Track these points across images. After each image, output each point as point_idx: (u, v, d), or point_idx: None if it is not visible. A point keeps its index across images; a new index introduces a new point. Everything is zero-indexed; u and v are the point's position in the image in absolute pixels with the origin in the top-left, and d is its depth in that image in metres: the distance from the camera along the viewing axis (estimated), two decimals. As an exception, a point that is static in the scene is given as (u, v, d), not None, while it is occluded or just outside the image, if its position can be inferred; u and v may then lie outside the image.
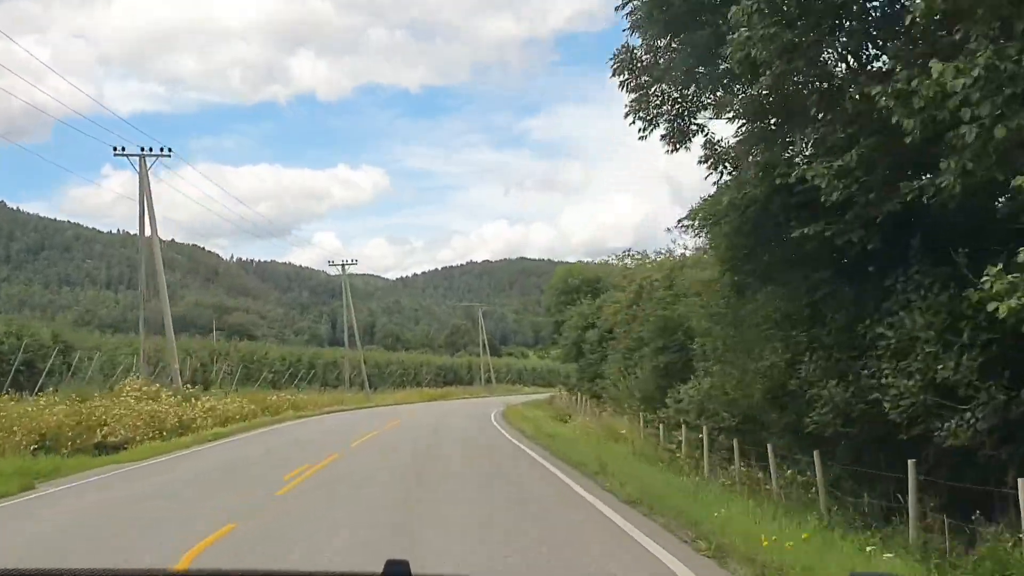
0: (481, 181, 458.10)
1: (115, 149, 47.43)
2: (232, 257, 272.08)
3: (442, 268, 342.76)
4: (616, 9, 21.90)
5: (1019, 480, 10.99)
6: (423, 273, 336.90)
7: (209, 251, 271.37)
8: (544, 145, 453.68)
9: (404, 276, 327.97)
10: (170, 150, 48.19)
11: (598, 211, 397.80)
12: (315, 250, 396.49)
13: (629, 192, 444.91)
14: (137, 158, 47.07)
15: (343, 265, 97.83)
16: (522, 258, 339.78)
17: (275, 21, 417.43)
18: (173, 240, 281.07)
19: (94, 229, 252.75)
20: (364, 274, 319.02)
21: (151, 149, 47.74)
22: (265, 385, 63.73)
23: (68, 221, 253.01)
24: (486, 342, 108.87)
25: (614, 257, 52.67)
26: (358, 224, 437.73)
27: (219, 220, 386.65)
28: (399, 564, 2.23)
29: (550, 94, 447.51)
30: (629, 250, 48.97)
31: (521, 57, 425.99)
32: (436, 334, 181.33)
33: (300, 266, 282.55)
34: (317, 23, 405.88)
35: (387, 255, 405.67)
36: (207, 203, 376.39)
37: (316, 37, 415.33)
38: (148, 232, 48.02)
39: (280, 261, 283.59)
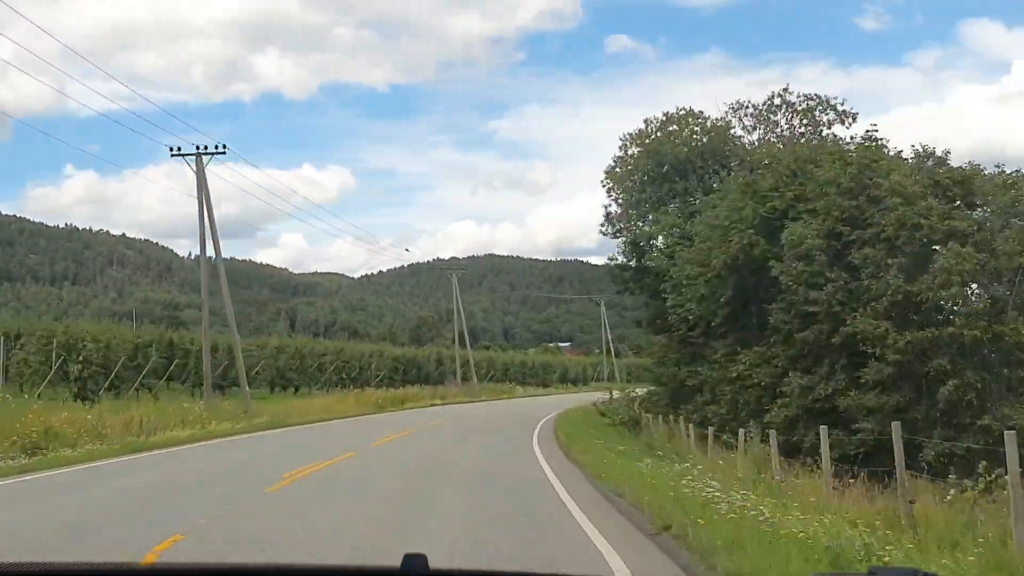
0: (448, 181, 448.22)
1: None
2: (190, 255, 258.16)
3: (408, 266, 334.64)
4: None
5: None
6: (389, 271, 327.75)
7: (163, 246, 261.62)
8: (510, 145, 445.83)
9: (370, 274, 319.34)
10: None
11: (565, 211, 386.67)
12: (285, 250, 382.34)
13: (596, 192, 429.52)
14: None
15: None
16: (491, 255, 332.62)
17: (240, 18, 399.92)
18: (124, 235, 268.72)
19: (40, 223, 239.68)
20: (329, 272, 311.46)
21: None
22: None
23: (15, 216, 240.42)
24: (462, 317, 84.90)
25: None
26: (324, 224, 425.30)
27: (183, 219, 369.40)
28: (417, 557, 2.18)
29: (517, 94, 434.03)
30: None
31: (488, 56, 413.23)
32: (400, 330, 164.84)
33: (261, 263, 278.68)
34: (282, 20, 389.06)
35: (353, 254, 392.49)
36: (171, 202, 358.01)
37: (281, 35, 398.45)
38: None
39: (240, 258, 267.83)
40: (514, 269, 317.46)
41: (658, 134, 46.22)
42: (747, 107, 44.32)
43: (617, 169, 47.88)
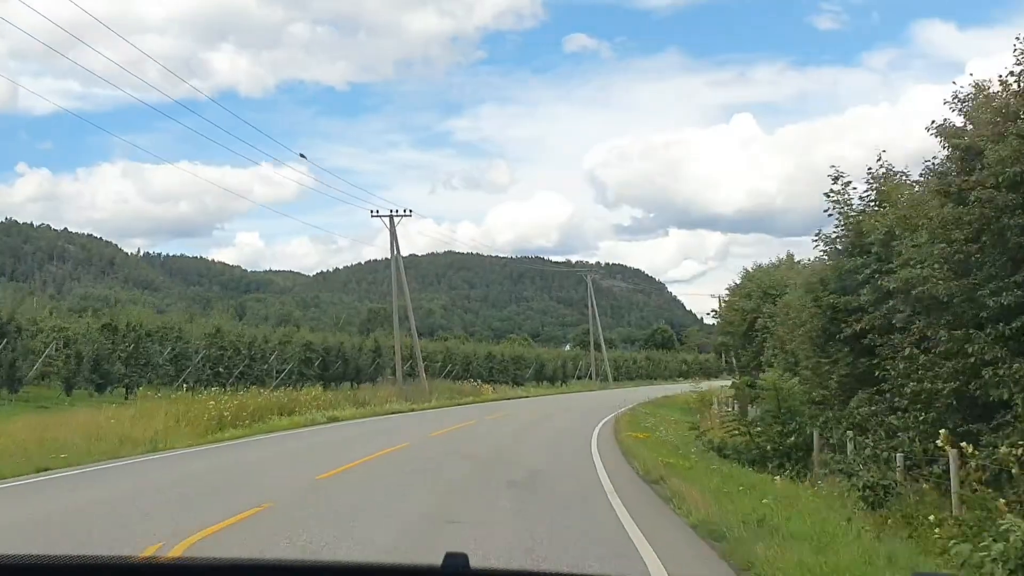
0: (406, 180, 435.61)
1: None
2: (139, 252, 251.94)
3: (366, 263, 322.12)
4: None
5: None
6: (345, 268, 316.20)
7: (107, 241, 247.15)
8: (469, 144, 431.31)
9: (325, 271, 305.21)
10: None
11: (524, 210, 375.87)
12: (241, 249, 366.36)
13: (554, 192, 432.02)
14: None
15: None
16: (449, 252, 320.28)
17: (195, 14, 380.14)
18: (66, 229, 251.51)
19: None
20: (283, 270, 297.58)
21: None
22: None
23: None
24: (405, 288, 62.27)
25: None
26: (281, 222, 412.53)
27: (136, 218, 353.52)
28: (458, 557, 2.13)
29: (475, 92, 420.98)
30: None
31: (446, 54, 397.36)
32: (350, 323, 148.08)
33: (213, 261, 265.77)
34: (238, 17, 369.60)
35: (310, 253, 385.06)
36: (123, 202, 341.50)
37: (237, 31, 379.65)
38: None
39: (190, 256, 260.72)
40: (474, 266, 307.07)
41: None
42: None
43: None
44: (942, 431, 13.31)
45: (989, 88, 17.92)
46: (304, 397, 36.84)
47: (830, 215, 24.99)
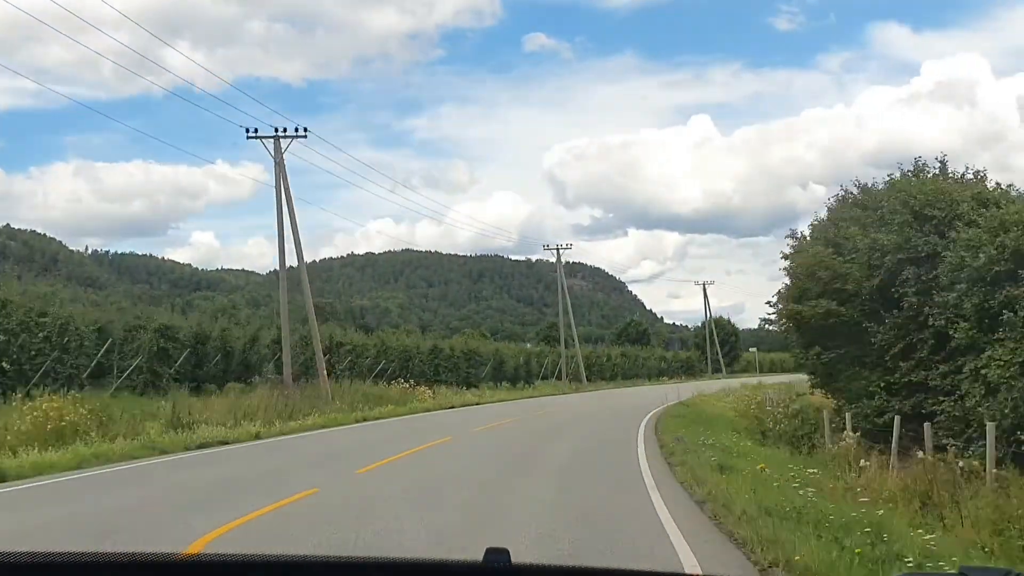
0: (365, 179, 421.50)
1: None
2: (87, 249, 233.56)
3: (320, 260, 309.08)
4: None
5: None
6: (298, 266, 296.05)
7: (51, 237, 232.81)
8: (428, 143, 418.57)
9: (278, 270, 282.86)
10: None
11: (483, 209, 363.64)
12: (197, 248, 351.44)
13: (513, 191, 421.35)
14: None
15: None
16: (408, 250, 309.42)
17: (150, 10, 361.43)
18: (8, 225, 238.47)
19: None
20: (235, 269, 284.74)
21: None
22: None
23: None
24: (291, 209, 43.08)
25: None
26: (238, 222, 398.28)
27: (89, 217, 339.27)
28: (500, 552, 2.09)
29: (434, 91, 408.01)
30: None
31: (405, 52, 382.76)
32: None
33: (163, 259, 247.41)
34: (193, 13, 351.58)
35: (267, 253, 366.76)
36: (77, 201, 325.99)
37: (193, 27, 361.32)
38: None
39: (140, 253, 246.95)
40: (432, 264, 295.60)
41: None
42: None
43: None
44: None
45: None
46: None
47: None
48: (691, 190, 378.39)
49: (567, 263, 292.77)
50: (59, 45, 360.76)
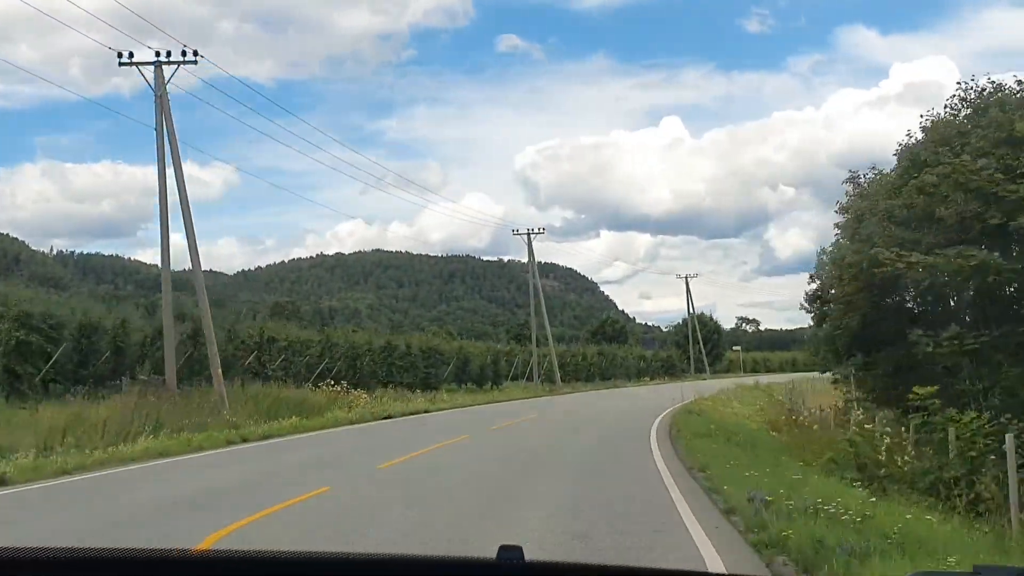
0: (336, 180, 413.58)
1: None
2: (52, 250, 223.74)
3: (289, 261, 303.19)
4: None
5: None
6: (268, 266, 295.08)
7: (13, 237, 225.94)
8: (400, 144, 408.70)
9: (246, 270, 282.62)
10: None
11: (455, 211, 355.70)
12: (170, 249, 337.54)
13: (485, 193, 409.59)
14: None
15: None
16: (378, 250, 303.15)
17: (120, 9, 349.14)
18: None
19: None
20: (205, 270, 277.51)
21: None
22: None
23: None
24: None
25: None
26: (207, 223, 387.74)
27: (58, 218, 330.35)
28: (513, 550, 2.02)
29: (406, 92, 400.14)
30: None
31: (377, 53, 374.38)
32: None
33: (128, 259, 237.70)
34: (164, 12, 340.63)
35: (237, 254, 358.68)
36: (45, 202, 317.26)
37: (163, 27, 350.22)
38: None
39: (106, 254, 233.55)
40: (403, 265, 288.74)
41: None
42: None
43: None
44: None
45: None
46: None
47: None
48: (662, 191, 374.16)
49: (539, 263, 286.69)
50: (27, 44, 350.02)
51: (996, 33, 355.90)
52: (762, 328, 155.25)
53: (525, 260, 69.15)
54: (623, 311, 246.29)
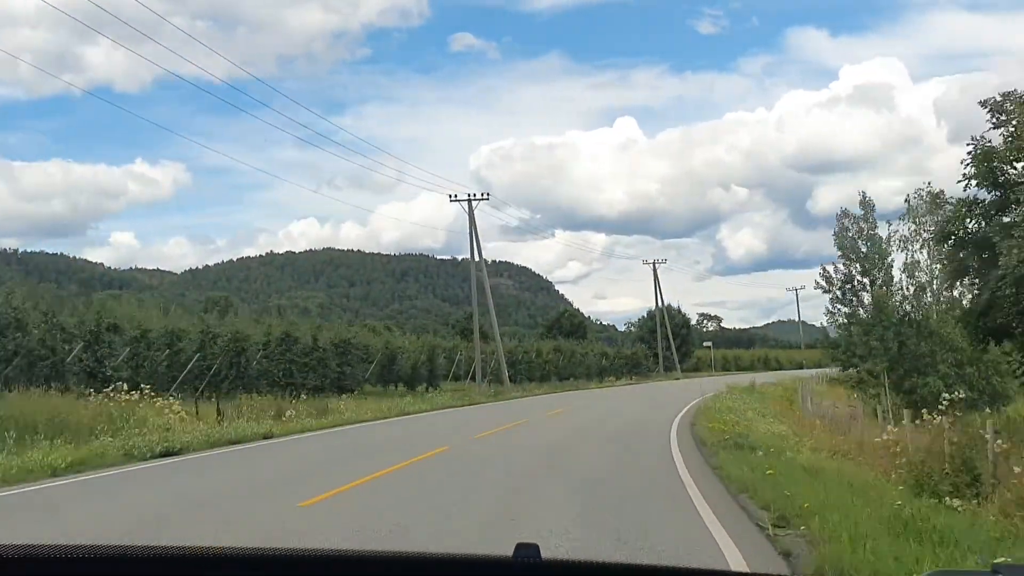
0: (288, 179, 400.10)
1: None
2: None
3: (238, 259, 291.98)
4: None
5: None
6: (215, 265, 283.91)
7: None
8: (353, 143, 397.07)
9: (194, 269, 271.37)
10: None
11: (409, 210, 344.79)
12: (117, 248, 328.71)
13: (440, 192, 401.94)
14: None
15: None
16: (329, 248, 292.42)
17: (69, 6, 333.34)
18: None
19: None
20: (150, 269, 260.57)
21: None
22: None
23: None
24: None
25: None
26: (158, 222, 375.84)
27: (7, 217, 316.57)
28: (529, 548, 1.95)
29: (359, 90, 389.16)
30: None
31: (330, 51, 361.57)
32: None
33: (73, 258, 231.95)
34: (114, 9, 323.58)
35: (188, 254, 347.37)
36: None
37: (113, 24, 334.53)
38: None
39: (51, 252, 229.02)
40: (355, 263, 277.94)
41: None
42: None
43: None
44: None
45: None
46: None
47: None
48: (617, 192, 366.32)
49: (492, 262, 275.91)
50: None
51: (943, 36, 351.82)
52: (723, 326, 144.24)
53: (478, 259, 56.40)
54: (579, 310, 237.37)
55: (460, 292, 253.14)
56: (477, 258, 50.74)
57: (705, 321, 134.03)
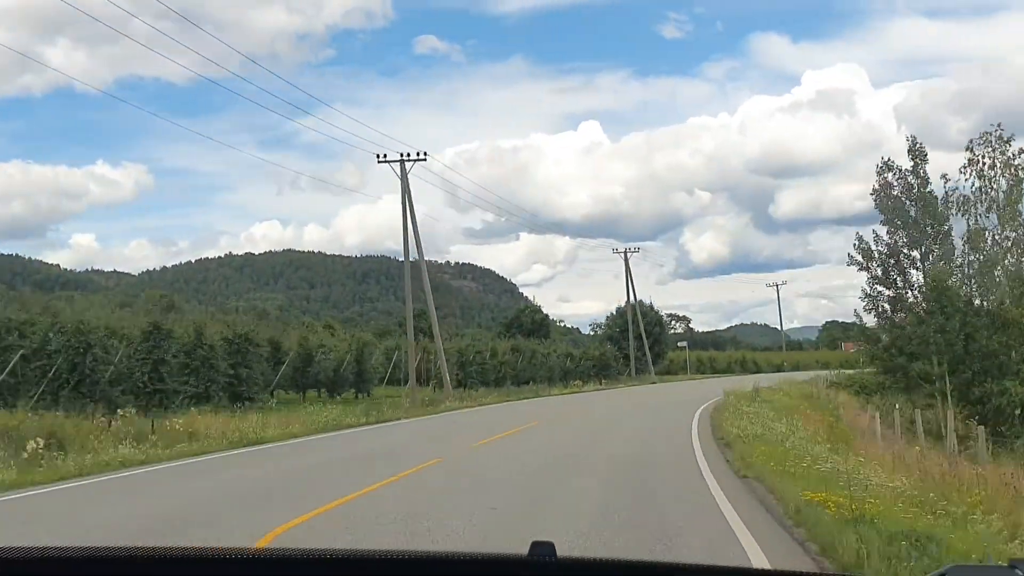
0: (251, 181, 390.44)
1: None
2: None
3: (196, 261, 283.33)
4: None
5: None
6: (173, 267, 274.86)
7: None
8: (316, 145, 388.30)
9: (150, 270, 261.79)
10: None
11: (372, 212, 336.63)
12: (77, 250, 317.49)
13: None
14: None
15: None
16: (289, 250, 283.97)
17: (29, 5, 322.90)
18: None
19: None
20: (106, 270, 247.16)
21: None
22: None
23: None
24: None
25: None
26: (120, 224, 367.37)
27: None
28: (545, 546, 1.88)
29: (323, 92, 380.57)
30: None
31: (293, 52, 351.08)
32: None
33: (28, 259, 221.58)
34: (75, 9, 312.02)
35: (150, 256, 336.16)
36: None
37: (74, 25, 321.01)
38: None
39: (6, 253, 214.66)
40: (315, 265, 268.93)
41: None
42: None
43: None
44: None
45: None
46: None
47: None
48: (581, 195, 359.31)
49: (456, 264, 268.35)
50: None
51: (903, 42, 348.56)
52: (692, 327, 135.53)
53: (443, 260, 46.22)
54: (540, 307, 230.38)
55: (423, 294, 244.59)
56: (412, 231, 40.91)
57: (674, 322, 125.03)
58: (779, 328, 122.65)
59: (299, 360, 36.33)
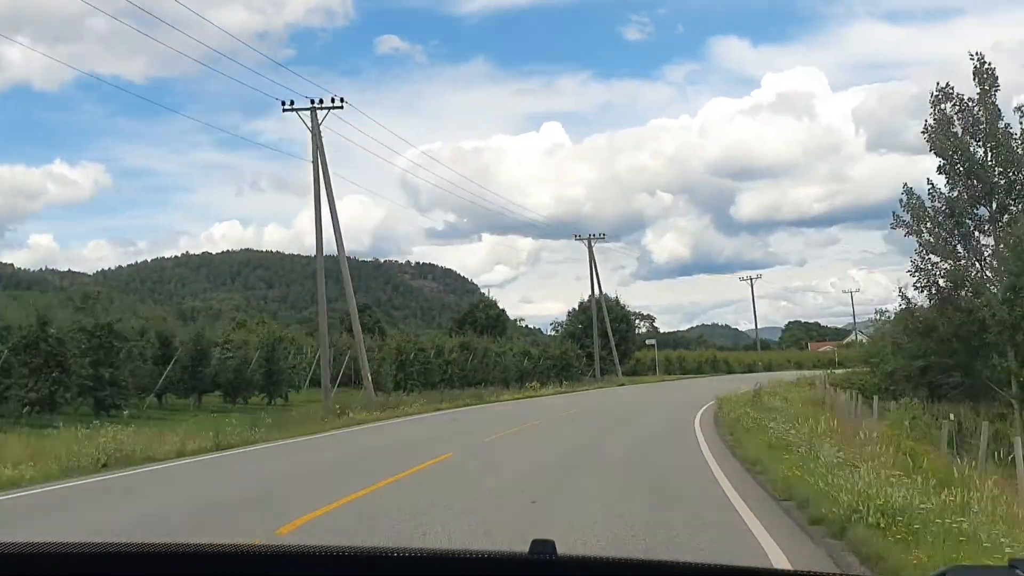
0: (210, 181, 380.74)
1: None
2: None
3: (152, 260, 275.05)
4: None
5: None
6: (129, 266, 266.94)
7: None
8: (277, 145, 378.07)
9: (105, 269, 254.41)
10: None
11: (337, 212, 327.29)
12: (36, 251, 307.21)
13: (365, 195, 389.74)
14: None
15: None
16: (247, 250, 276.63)
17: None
18: None
19: None
20: (62, 271, 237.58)
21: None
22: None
23: None
24: None
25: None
26: (78, 224, 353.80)
27: None
28: (546, 544, 1.88)
29: (283, 92, 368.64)
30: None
31: (253, 51, 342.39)
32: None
33: None
34: (33, 6, 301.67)
35: (108, 256, 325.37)
36: None
37: (32, 22, 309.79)
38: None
39: None
40: (273, 265, 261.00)
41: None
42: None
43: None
44: None
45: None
46: None
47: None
48: (544, 196, 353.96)
49: (416, 264, 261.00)
50: None
51: (862, 46, 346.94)
52: (656, 327, 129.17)
53: (403, 260, 39.47)
54: (496, 302, 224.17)
55: (382, 295, 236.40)
56: (326, 197, 33.76)
57: (639, 321, 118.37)
58: (739, 329, 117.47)
59: (188, 359, 28.93)
